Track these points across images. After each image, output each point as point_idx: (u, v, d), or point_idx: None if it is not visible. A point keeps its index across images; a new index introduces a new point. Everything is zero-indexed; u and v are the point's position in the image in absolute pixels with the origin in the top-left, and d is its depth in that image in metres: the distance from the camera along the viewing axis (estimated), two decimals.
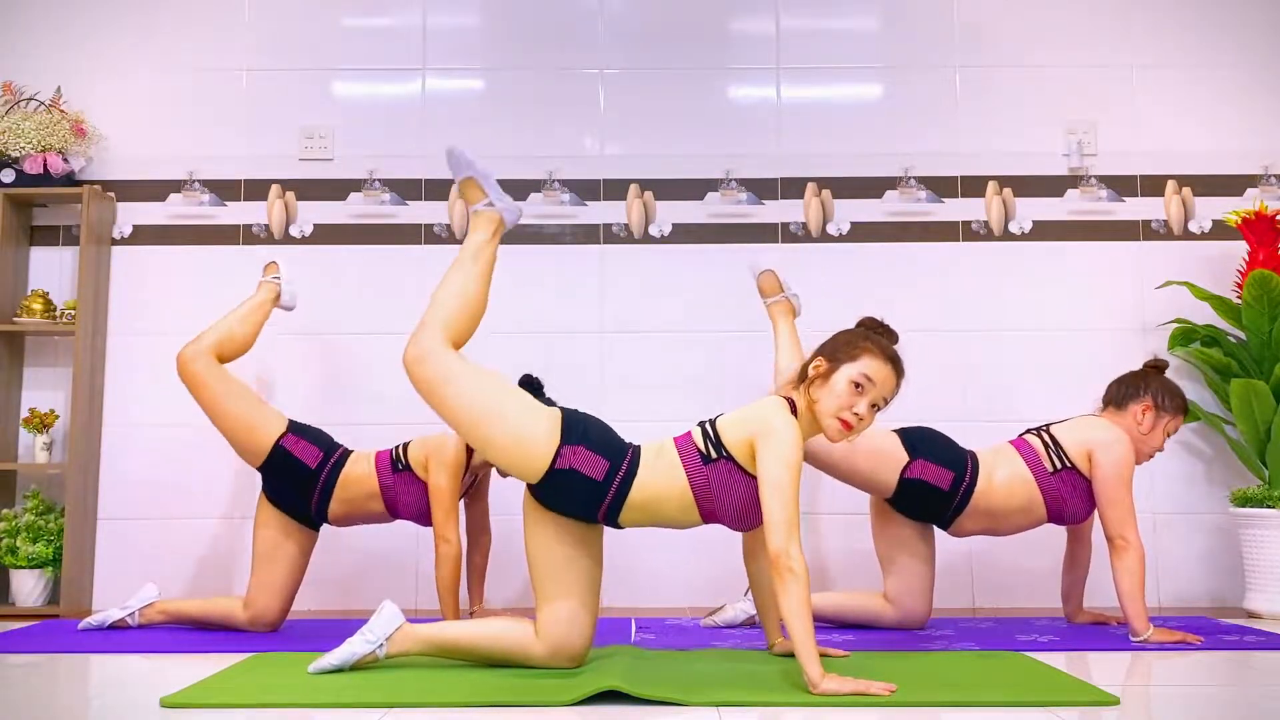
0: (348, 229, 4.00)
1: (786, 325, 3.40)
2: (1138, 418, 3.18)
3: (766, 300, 3.45)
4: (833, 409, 2.44)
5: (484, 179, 2.71)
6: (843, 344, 2.50)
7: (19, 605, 3.69)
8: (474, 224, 2.70)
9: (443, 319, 2.51)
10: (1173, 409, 3.20)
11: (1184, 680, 2.52)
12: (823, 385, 2.46)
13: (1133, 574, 2.97)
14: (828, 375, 2.46)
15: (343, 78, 4.09)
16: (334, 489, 3.16)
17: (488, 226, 2.68)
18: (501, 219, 2.70)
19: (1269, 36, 4.09)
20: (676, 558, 3.79)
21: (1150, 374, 3.24)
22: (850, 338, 2.52)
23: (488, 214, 2.69)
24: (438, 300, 2.56)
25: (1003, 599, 3.82)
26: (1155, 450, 3.21)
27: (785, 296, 3.43)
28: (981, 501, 3.14)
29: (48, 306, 3.86)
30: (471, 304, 2.57)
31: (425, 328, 2.50)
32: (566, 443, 2.44)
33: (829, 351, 2.51)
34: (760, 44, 4.10)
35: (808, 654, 2.25)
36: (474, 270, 2.61)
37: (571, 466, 2.43)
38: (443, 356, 2.47)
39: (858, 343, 2.49)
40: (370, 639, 2.49)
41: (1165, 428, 3.20)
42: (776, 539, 2.29)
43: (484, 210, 2.69)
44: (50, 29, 4.08)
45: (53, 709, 2.28)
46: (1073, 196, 4.01)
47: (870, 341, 2.49)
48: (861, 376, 2.44)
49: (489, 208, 2.69)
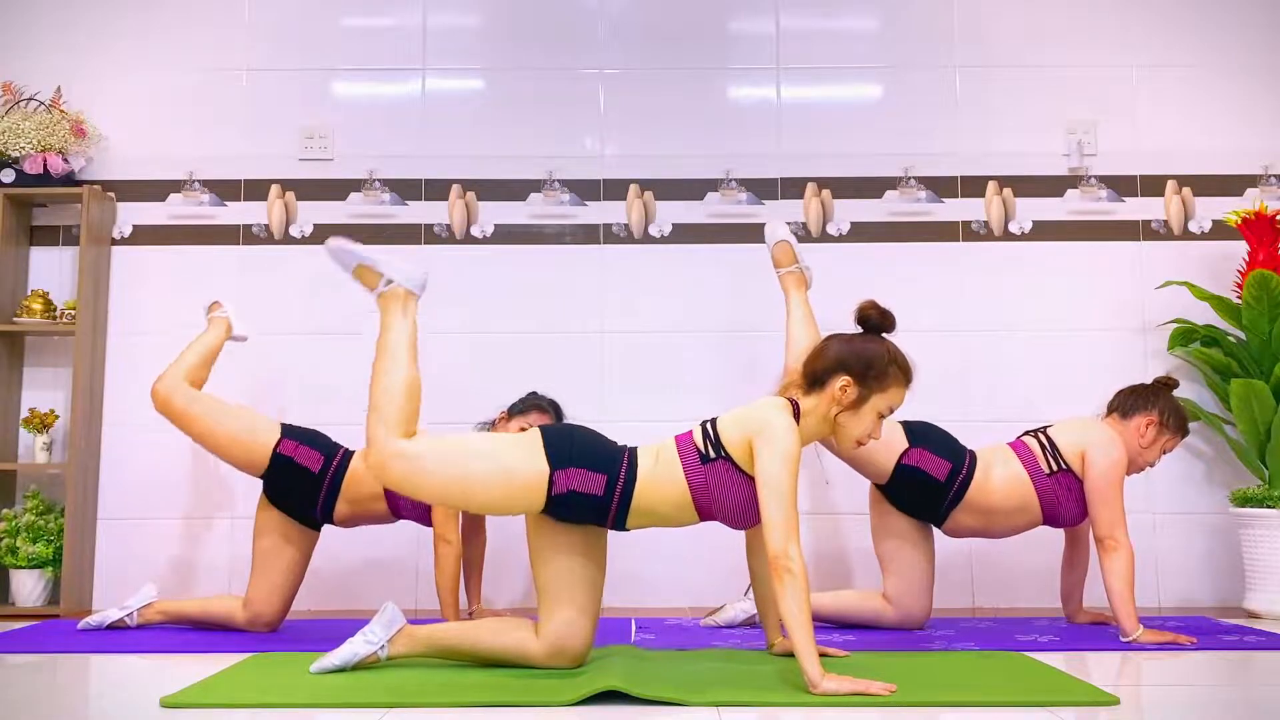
0: (347, 229, 4.00)
1: (799, 296, 3.40)
2: (1140, 430, 3.18)
3: (779, 270, 3.44)
4: (857, 435, 2.51)
5: (372, 261, 2.56)
6: (872, 369, 2.47)
7: (19, 605, 3.69)
8: (383, 308, 2.56)
9: (387, 420, 2.43)
10: (1175, 428, 3.20)
11: (1184, 680, 2.52)
12: (852, 413, 2.48)
13: (1122, 575, 2.98)
14: (857, 405, 2.47)
15: (343, 78, 4.09)
16: (340, 490, 3.16)
17: (397, 304, 2.54)
18: (407, 291, 2.57)
19: (1269, 37, 4.09)
20: (676, 558, 3.79)
21: (1161, 390, 3.24)
22: (878, 359, 2.48)
23: (392, 292, 2.56)
24: (375, 402, 2.46)
25: (1003, 599, 3.82)
26: (1148, 465, 3.22)
27: (799, 268, 3.42)
28: (977, 497, 3.15)
29: (48, 306, 3.86)
30: (408, 389, 2.48)
31: (373, 439, 2.43)
32: (557, 468, 2.42)
33: (858, 373, 2.47)
34: (760, 44, 4.10)
35: (807, 654, 2.25)
36: (401, 359, 2.50)
37: (570, 490, 2.42)
38: (401, 456, 2.40)
39: (886, 369, 2.47)
40: (372, 640, 2.49)
41: (1164, 445, 3.21)
42: (775, 540, 2.30)
43: (386, 290, 2.56)
44: (50, 29, 4.08)
45: (53, 709, 2.28)
46: (1073, 196, 4.01)
47: (897, 365, 2.49)
48: (888, 408, 2.50)
49: (390, 286, 2.56)
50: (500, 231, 4.01)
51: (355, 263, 2.59)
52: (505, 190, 4.02)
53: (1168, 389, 3.25)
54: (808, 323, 3.34)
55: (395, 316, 2.55)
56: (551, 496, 2.42)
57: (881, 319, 2.54)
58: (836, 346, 2.52)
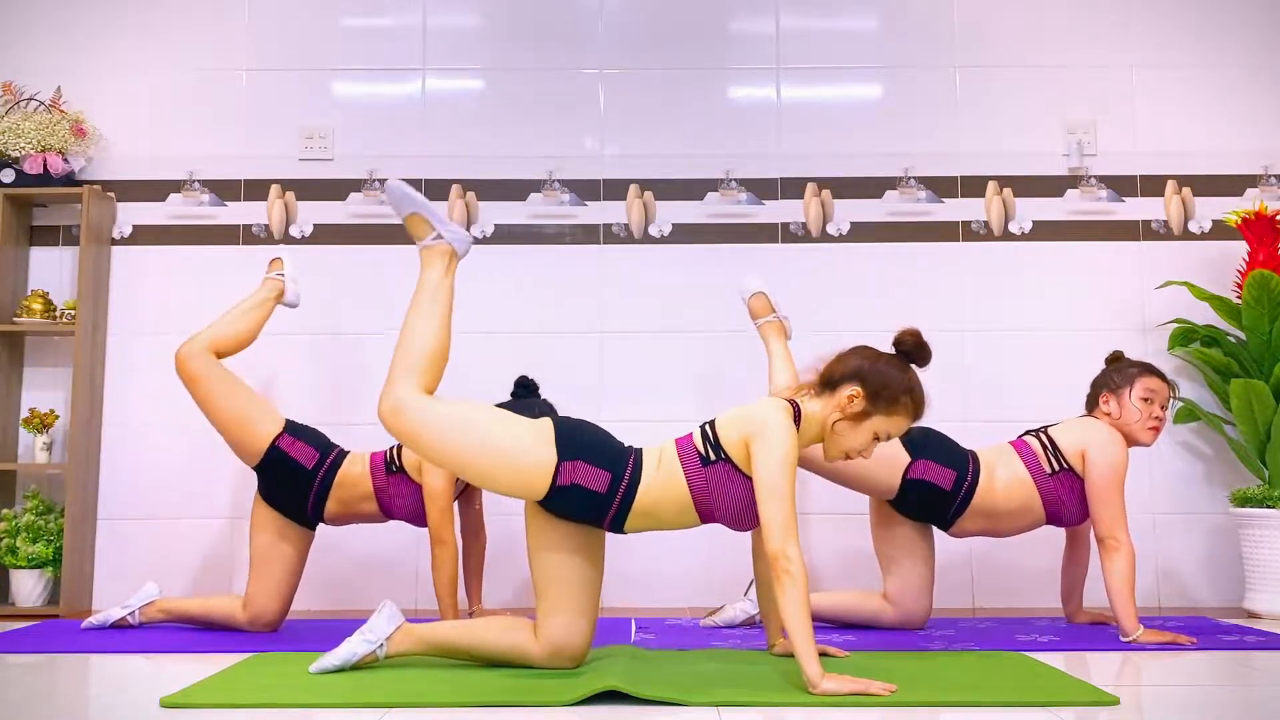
0: (348, 229, 4.00)
1: (779, 345, 3.36)
2: (1106, 409, 3.19)
3: (756, 321, 3.42)
4: (848, 448, 2.48)
5: (428, 212, 2.60)
6: (886, 389, 2.44)
7: (19, 605, 3.69)
8: (425, 260, 2.60)
9: (410, 367, 2.46)
10: (1125, 380, 3.18)
11: (1183, 680, 2.52)
12: (850, 425, 2.45)
13: (1122, 574, 2.97)
14: (858, 419, 2.44)
15: (343, 78, 4.09)
16: (330, 490, 3.16)
17: (440, 261, 2.59)
18: (453, 250, 2.61)
19: (1269, 36, 4.09)
20: (676, 558, 3.79)
21: (1105, 369, 3.26)
22: (895, 383, 2.44)
23: (439, 247, 2.60)
24: (402, 348, 2.49)
25: (1003, 599, 3.82)
26: (1148, 424, 3.14)
27: (776, 318, 3.40)
28: (983, 501, 3.15)
29: (48, 306, 3.86)
30: (436, 347, 2.51)
31: (394, 379, 2.45)
32: (564, 459, 2.41)
33: (870, 389, 2.44)
34: (760, 44, 4.10)
35: (807, 654, 2.25)
36: (434, 311, 2.54)
37: (574, 482, 2.41)
38: (417, 405, 2.42)
39: (899, 396, 2.44)
40: (370, 639, 2.49)
41: (1133, 399, 3.15)
42: (774, 540, 2.29)
43: (434, 244, 2.60)
44: (51, 29, 4.08)
45: (53, 709, 2.28)
46: (1073, 196, 4.01)
47: (910, 397, 2.45)
48: (886, 434, 2.47)
49: (438, 240, 2.60)
50: (500, 231, 4.01)
51: (411, 209, 2.61)
52: (505, 190, 4.02)
53: (1109, 363, 3.26)
54: (789, 366, 3.30)
55: (437, 271, 2.59)
56: (555, 486, 2.41)
57: (915, 349, 2.50)
58: (859, 357, 2.49)
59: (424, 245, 2.61)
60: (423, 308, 2.55)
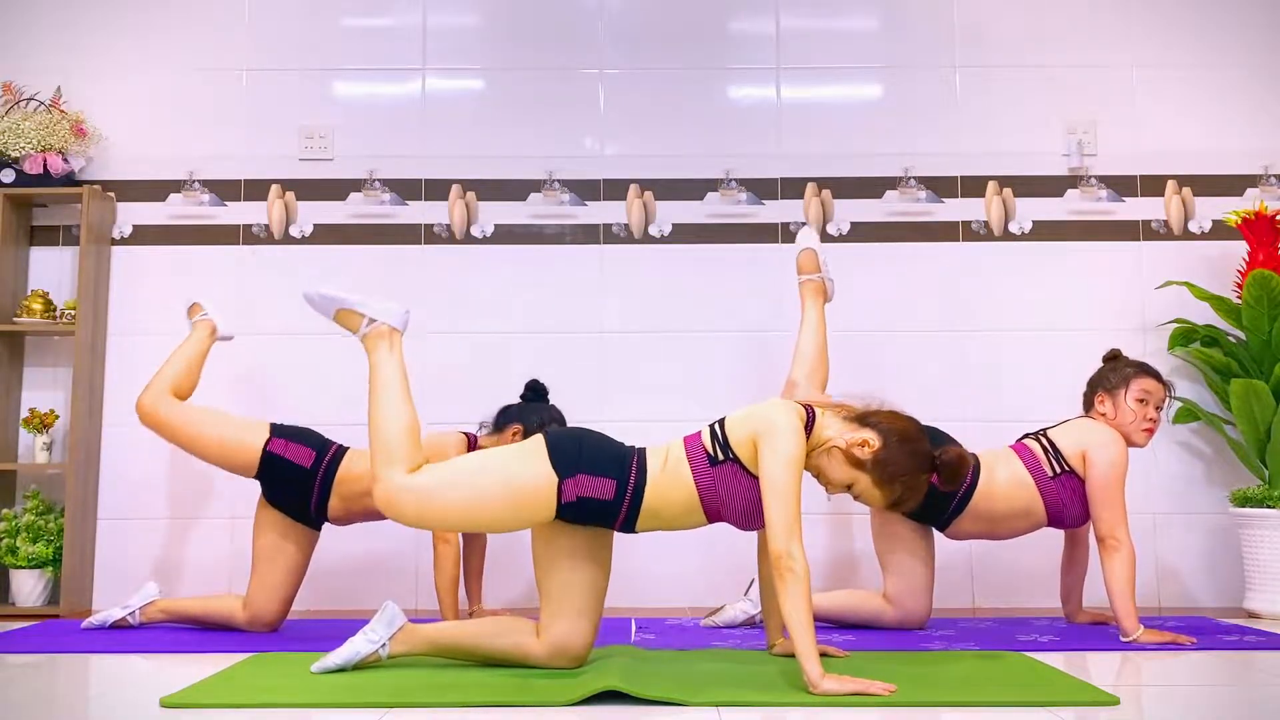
0: (348, 229, 4.00)
1: (815, 307, 3.36)
2: (1102, 410, 3.19)
3: (801, 276, 3.41)
4: (827, 477, 2.48)
5: (353, 303, 2.58)
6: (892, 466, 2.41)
7: (19, 605, 3.69)
8: (369, 347, 2.57)
9: (388, 457, 2.44)
10: (1121, 380, 3.17)
11: (1183, 680, 2.52)
12: (843, 464, 2.43)
13: (1123, 575, 2.97)
14: (853, 465, 2.42)
15: (343, 78, 4.09)
16: (332, 486, 3.15)
17: (383, 342, 2.56)
18: (391, 328, 2.58)
19: (1269, 36, 4.09)
20: (676, 558, 3.79)
21: (1101, 368, 3.26)
22: (902, 470, 2.42)
23: (375, 330, 2.57)
24: (376, 441, 2.47)
25: (1003, 599, 3.82)
26: (1142, 426, 3.14)
27: (821, 277, 3.40)
28: (982, 503, 3.14)
29: (48, 306, 3.86)
30: (406, 425, 2.48)
31: (378, 476, 2.44)
32: (565, 475, 2.41)
33: (883, 454, 2.40)
34: (760, 44, 4.10)
35: (808, 654, 2.25)
36: (391, 395, 2.51)
37: (579, 496, 2.41)
38: (409, 488, 2.41)
39: (897, 479, 2.42)
40: (373, 639, 2.49)
41: (1127, 400, 3.15)
42: (777, 540, 2.29)
43: (370, 329, 2.57)
44: (51, 29, 4.08)
45: (53, 709, 2.28)
46: (1073, 196, 4.01)
47: (902, 488, 2.43)
48: (858, 493, 2.46)
49: (373, 325, 2.57)
50: (500, 231, 4.01)
51: (335, 308, 2.60)
52: (505, 190, 4.02)
53: (1106, 362, 3.26)
54: (819, 337, 3.29)
55: (382, 355, 2.55)
56: (561, 505, 2.42)
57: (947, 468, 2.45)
58: (904, 423, 2.45)
59: (362, 334, 2.58)
60: (379, 396, 2.52)
